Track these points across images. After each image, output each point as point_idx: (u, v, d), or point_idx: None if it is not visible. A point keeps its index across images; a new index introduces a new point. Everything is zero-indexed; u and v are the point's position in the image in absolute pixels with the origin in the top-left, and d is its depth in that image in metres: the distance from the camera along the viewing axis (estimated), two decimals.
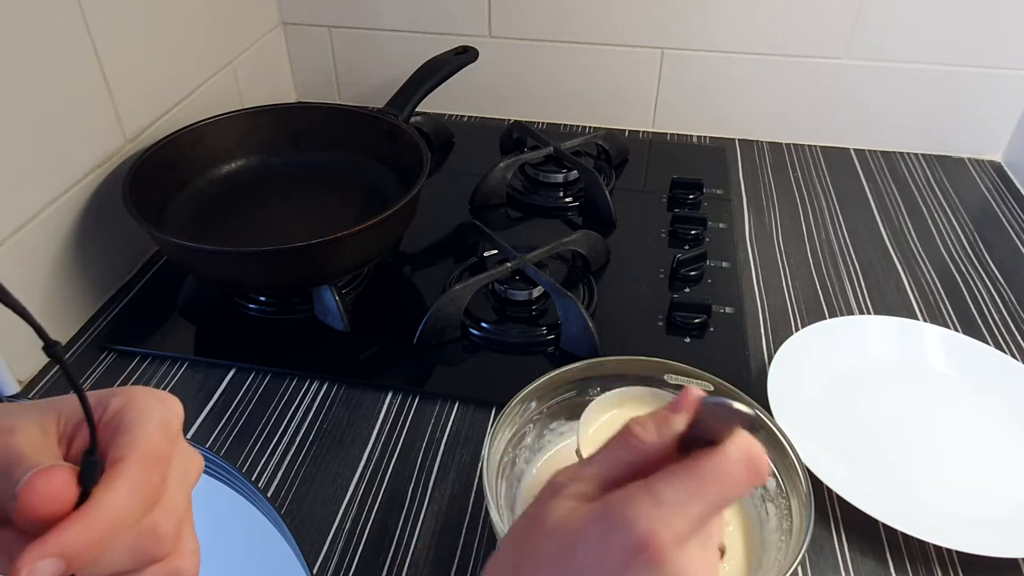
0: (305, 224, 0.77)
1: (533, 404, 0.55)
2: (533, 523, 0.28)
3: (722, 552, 0.28)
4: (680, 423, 0.27)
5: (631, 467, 0.28)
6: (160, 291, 0.77)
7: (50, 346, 0.27)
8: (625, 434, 0.28)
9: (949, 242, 0.86)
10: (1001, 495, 0.57)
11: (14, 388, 0.66)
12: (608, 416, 0.53)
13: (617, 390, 0.54)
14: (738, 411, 0.24)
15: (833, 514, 0.56)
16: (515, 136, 1.00)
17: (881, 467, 0.58)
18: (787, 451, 0.50)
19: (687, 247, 0.82)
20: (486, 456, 0.50)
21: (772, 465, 0.51)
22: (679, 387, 0.56)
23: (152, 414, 0.29)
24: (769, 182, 0.97)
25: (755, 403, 0.52)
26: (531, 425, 0.56)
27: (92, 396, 0.29)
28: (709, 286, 0.77)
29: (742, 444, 0.26)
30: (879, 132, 1.03)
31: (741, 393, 0.22)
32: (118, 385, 0.66)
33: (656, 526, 0.25)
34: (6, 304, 0.25)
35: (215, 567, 0.76)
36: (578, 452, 0.50)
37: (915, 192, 0.95)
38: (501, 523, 0.47)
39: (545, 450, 0.57)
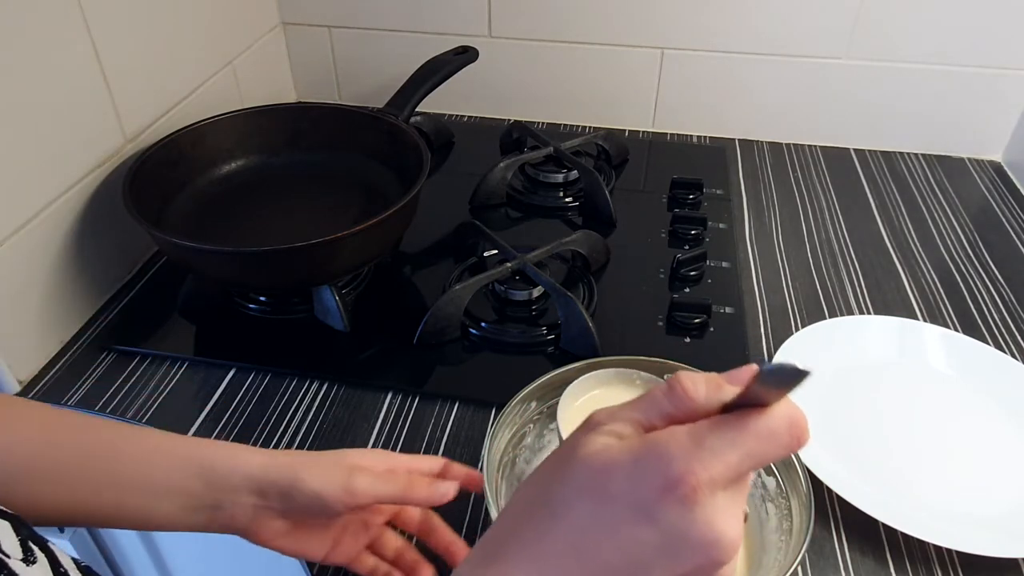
0: (305, 224, 0.77)
1: (533, 404, 0.55)
2: (568, 453, 0.29)
3: (745, 517, 0.29)
4: (729, 393, 0.28)
5: (670, 419, 0.28)
6: (160, 291, 0.77)
7: None
8: (674, 386, 0.28)
9: (949, 242, 0.86)
10: (1001, 495, 0.56)
11: (14, 388, 0.66)
12: (585, 398, 0.53)
13: (591, 374, 0.54)
14: (795, 368, 0.24)
15: (833, 514, 0.56)
16: (515, 136, 1.00)
17: (881, 467, 0.58)
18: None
19: (687, 247, 0.82)
20: (486, 456, 0.50)
21: (772, 465, 0.51)
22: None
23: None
24: (769, 182, 0.97)
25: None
26: (531, 425, 0.56)
27: None
28: (709, 286, 0.77)
29: (789, 407, 0.27)
30: (879, 132, 1.03)
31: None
32: (117, 385, 0.66)
33: (695, 466, 0.25)
34: None
35: (215, 567, 0.76)
36: (560, 436, 0.51)
37: (915, 192, 0.95)
38: None
39: (545, 450, 0.57)
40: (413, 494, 0.44)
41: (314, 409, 0.65)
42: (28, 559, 0.33)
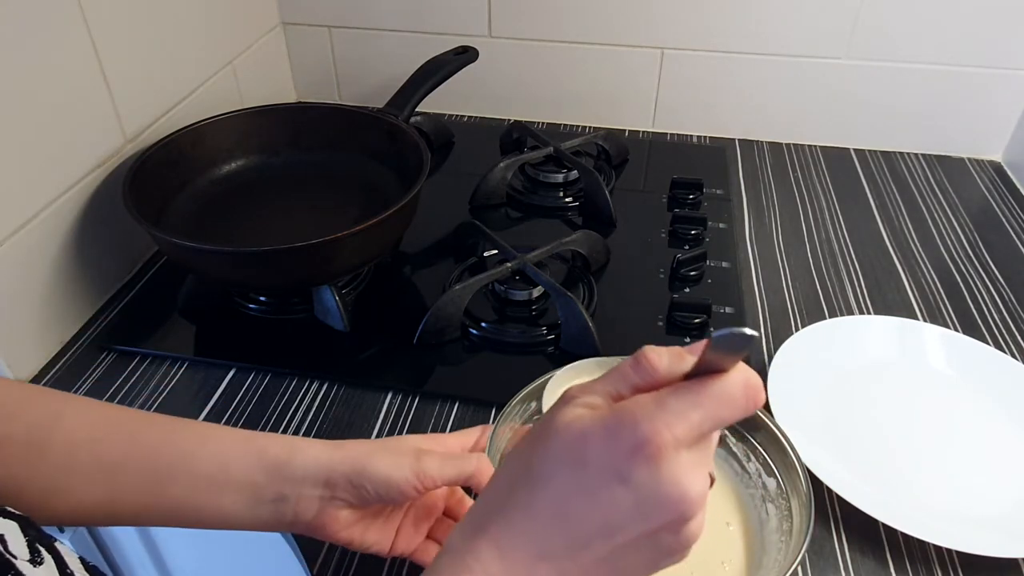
0: (305, 224, 0.77)
1: (533, 404, 0.55)
2: (546, 426, 0.31)
3: (712, 480, 0.30)
4: (690, 363, 0.30)
5: (637, 389, 0.30)
6: (160, 291, 0.77)
7: None
8: (640, 359, 0.30)
9: (949, 242, 0.86)
10: (1001, 495, 0.56)
11: None
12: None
13: (574, 364, 0.55)
14: (743, 334, 0.26)
15: (833, 514, 0.56)
16: (515, 136, 1.00)
17: (881, 467, 0.58)
18: (787, 451, 0.50)
19: (687, 247, 0.82)
20: (487, 455, 0.50)
21: (773, 465, 0.51)
22: None
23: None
24: (769, 182, 0.97)
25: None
26: (531, 425, 0.56)
27: None
28: (709, 286, 0.77)
29: (744, 372, 0.29)
30: (879, 132, 1.03)
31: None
32: (117, 385, 0.66)
33: (659, 426, 0.28)
34: None
35: (215, 567, 0.76)
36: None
37: (915, 192, 0.95)
38: None
39: None
40: (480, 476, 0.44)
41: (314, 409, 0.65)
42: (35, 560, 0.33)
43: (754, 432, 0.53)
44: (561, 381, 0.53)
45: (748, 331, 0.26)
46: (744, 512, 0.52)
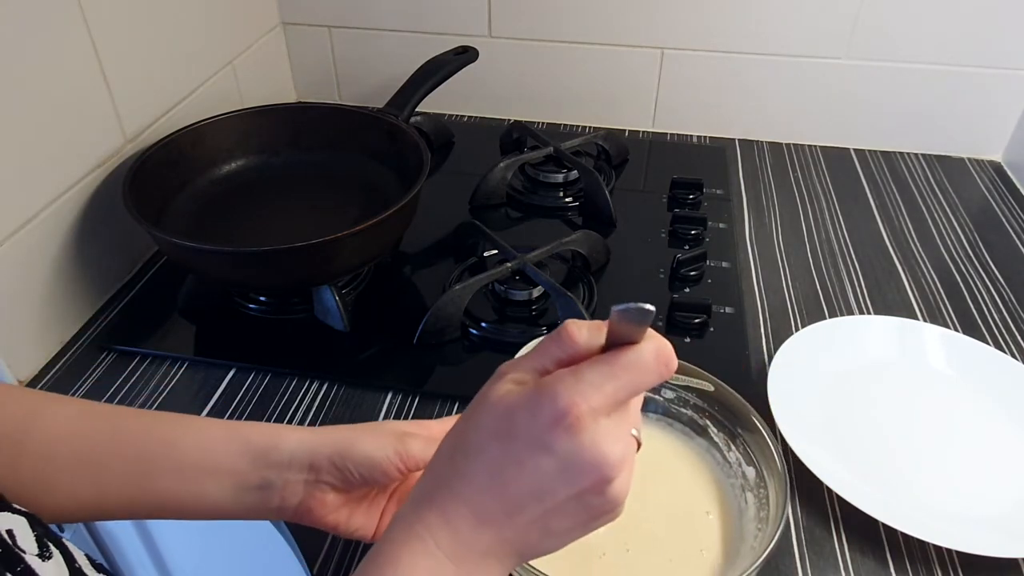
0: (305, 224, 0.77)
1: None
2: (479, 401, 0.34)
3: (638, 445, 0.33)
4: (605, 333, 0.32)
5: (561, 363, 0.33)
6: (160, 291, 0.77)
7: None
8: (562, 333, 0.33)
9: (949, 242, 0.86)
10: (1001, 495, 0.57)
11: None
12: None
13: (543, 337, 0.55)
14: (639, 308, 0.29)
15: (833, 514, 0.56)
16: (515, 136, 1.00)
17: (881, 467, 0.58)
18: (765, 439, 0.51)
19: (687, 247, 0.82)
20: None
21: (752, 454, 0.52)
22: None
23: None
24: (769, 182, 0.97)
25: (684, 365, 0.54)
26: None
27: None
28: (709, 286, 0.77)
29: (654, 341, 0.32)
30: (879, 132, 1.03)
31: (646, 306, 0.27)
32: (117, 385, 0.66)
33: (576, 398, 0.30)
34: None
35: (216, 567, 0.76)
36: None
37: (915, 192, 0.95)
38: None
39: None
40: None
41: (314, 409, 0.65)
42: (44, 555, 0.33)
43: (735, 422, 0.54)
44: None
45: (646, 306, 0.29)
46: (724, 502, 0.53)
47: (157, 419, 0.45)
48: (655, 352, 0.32)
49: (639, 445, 0.33)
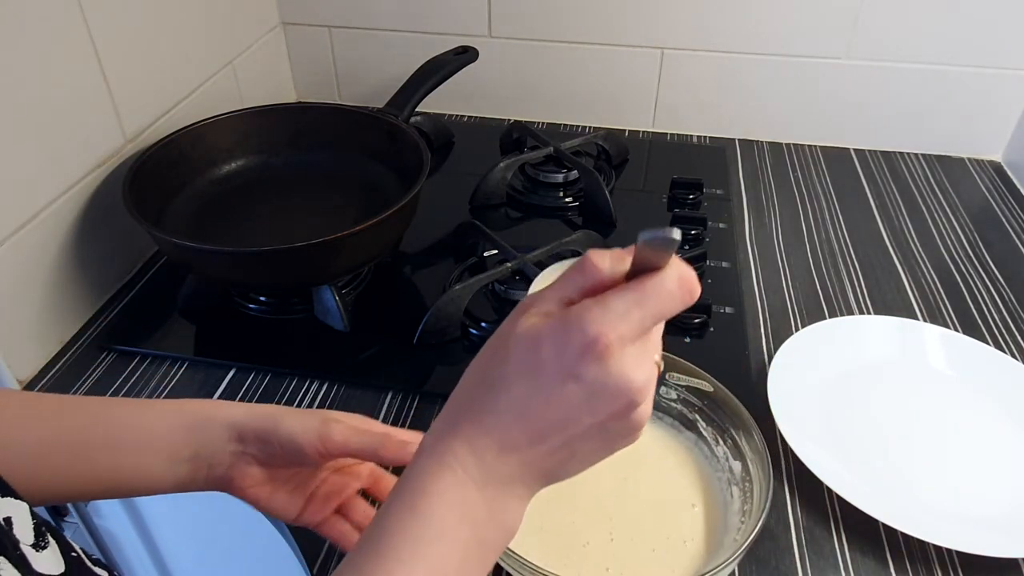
0: (305, 224, 0.77)
1: None
2: (505, 332, 0.34)
3: (659, 367, 0.34)
4: (628, 261, 0.32)
5: (585, 292, 0.33)
6: (160, 291, 0.77)
7: None
8: (585, 262, 0.33)
9: (949, 242, 0.86)
10: (1001, 495, 0.57)
11: (14, 388, 0.66)
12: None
13: (557, 264, 0.59)
14: (665, 235, 0.29)
15: (833, 514, 0.56)
16: (515, 136, 1.00)
17: (881, 467, 0.58)
18: (752, 433, 0.51)
19: (687, 247, 0.82)
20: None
21: (739, 447, 0.53)
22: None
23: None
24: (769, 182, 0.97)
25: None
26: None
27: None
28: (709, 286, 0.77)
29: (677, 267, 0.32)
30: (879, 132, 1.03)
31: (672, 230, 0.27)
32: (117, 385, 0.66)
33: (605, 327, 0.31)
34: None
35: (216, 567, 0.76)
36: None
37: (915, 192, 0.95)
38: None
39: None
40: (385, 451, 0.46)
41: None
42: (39, 544, 0.34)
43: (724, 417, 0.54)
44: (547, 278, 0.55)
45: (673, 233, 0.29)
46: (710, 495, 0.54)
47: (110, 406, 0.47)
48: (679, 279, 0.32)
49: (660, 371, 0.34)
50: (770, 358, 0.66)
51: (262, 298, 0.74)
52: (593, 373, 0.31)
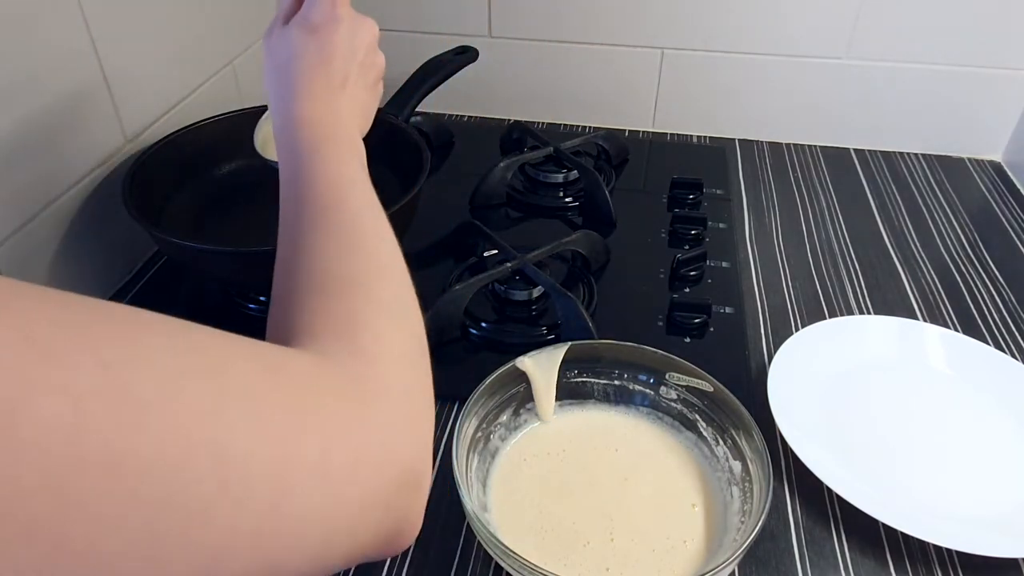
0: None
1: (519, 387, 0.58)
2: (273, 38, 0.55)
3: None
4: None
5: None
6: (160, 291, 0.77)
7: None
8: None
9: (949, 242, 0.86)
10: (1001, 495, 0.57)
11: None
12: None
13: None
14: None
15: (833, 514, 0.56)
16: (515, 136, 1.00)
17: (881, 467, 0.58)
18: (752, 433, 0.51)
19: (687, 247, 0.82)
20: (457, 432, 0.52)
21: (739, 448, 0.53)
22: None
23: None
24: (769, 182, 0.97)
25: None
26: (509, 404, 0.58)
27: None
28: (709, 286, 0.77)
29: None
30: (879, 132, 1.03)
31: None
32: None
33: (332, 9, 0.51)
34: None
35: None
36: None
37: (915, 192, 0.95)
38: (468, 497, 0.48)
39: (520, 429, 0.59)
40: None
41: None
42: None
43: (725, 417, 0.55)
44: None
45: None
46: (710, 495, 0.54)
47: None
48: None
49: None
50: (770, 358, 0.66)
51: (262, 298, 0.74)
52: (345, 10, 0.51)
